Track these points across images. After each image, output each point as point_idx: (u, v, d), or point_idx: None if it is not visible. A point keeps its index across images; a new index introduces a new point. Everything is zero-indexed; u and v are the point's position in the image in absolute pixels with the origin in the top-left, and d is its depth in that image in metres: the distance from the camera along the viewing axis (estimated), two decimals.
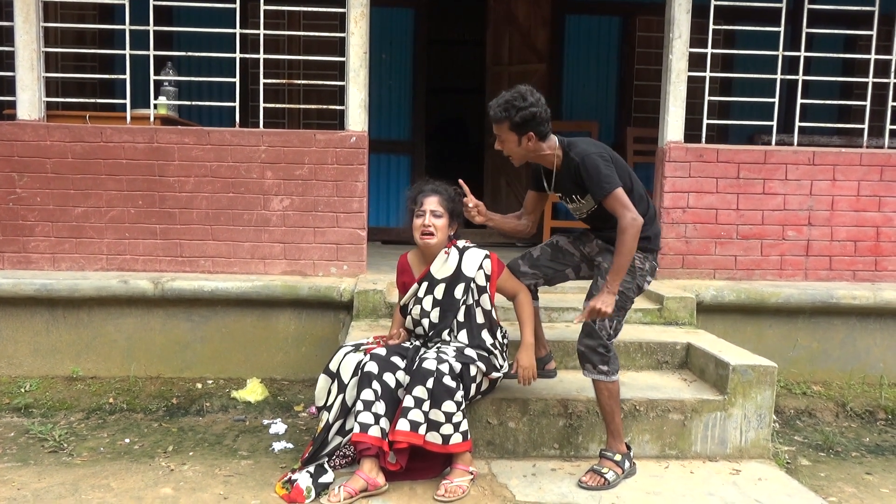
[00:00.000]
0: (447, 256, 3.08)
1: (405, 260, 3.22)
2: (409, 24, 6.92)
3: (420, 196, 3.07)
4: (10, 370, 4.15)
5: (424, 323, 3.10)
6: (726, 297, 4.23)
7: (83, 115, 4.39)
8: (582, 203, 3.00)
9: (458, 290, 3.05)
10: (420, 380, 2.79)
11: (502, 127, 2.87)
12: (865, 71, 4.69)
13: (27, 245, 4.30)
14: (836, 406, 4.07)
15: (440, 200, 3.04)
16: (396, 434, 2.75)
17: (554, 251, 3.24)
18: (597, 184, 2.81)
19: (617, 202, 2.79)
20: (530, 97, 2.82)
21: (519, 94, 2.83)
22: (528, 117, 2.81)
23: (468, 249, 3.11)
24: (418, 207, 3.04)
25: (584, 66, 7.02)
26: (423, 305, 3.08)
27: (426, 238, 3.02)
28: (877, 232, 4.59)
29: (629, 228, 2.75)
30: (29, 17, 4.21)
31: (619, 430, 2.96)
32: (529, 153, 2.94)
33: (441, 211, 3.02)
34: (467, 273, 3.06)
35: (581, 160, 2.84)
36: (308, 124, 6.48)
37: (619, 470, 2.91)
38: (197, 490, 2.90)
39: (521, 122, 2.82)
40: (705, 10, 4.45)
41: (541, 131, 2.87)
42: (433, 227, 3.00)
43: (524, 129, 2.84)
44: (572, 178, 2.92)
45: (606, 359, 2.90)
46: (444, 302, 3.05)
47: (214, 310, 4.17)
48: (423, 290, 3.08)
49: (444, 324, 3.05)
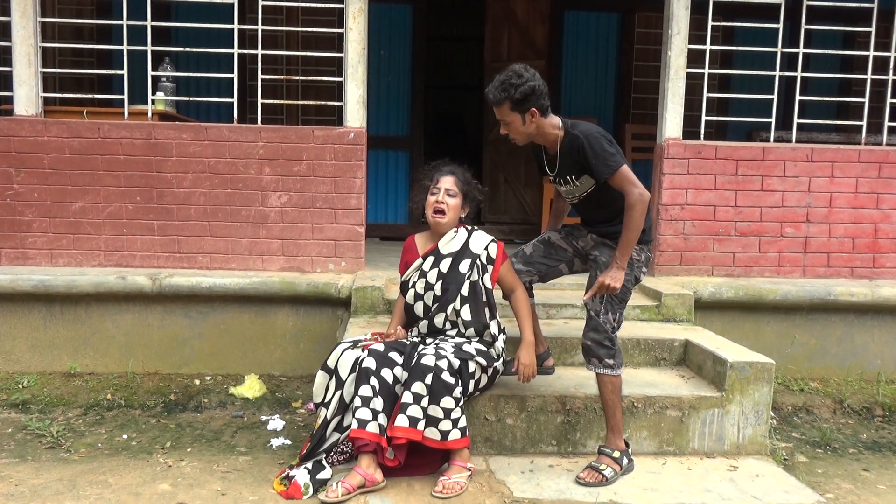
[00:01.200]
0: (455, 234, 3.12)
1: (412, 240, 3.25)
2: (407, 20, 6.91)
3: (437, 174, 3.12)
4: (7, 366, 4.14)
5: (427, 298, 3.08)
6: (724, 293, 4.23)
7: (81, 110, 4.38)
8: (576, 185, 2.97)
9: (463, 265, 3.06)
10: (419, 376, 2.79)
11: (503, 109, 2.85)
12: (864, 67, 4.69)
13: (24, 241, 4.29)
14: (833, 403, 4.07)
15: (455, 181, 3.09)
16: (395, 430, 2.75)
17: (546, 247, 3.24)
18: (602, 161, 2.80)
19: (624, 179, 2.79)
20: (525, 73, 2.82)
21: (513, 72, 2.82)
22: (527, 92, 2.79)
23: (476, 231, 3.15)
24: (433, 185, 3.08)
25: (583, 62, 7.01)
26: (428, 278, 3.08)
27: (438, 216, 3.05)
28: (875, 229, 4.59)
29: (637, 204, 2.76)
30: (26, 12, 4.20)
31: (619, 427, 2.96)
32: (535, 133, 2.91)
33: (455, 191, 3.07)
34: (474, 250, 3.08)
35: (586, 138, 2.83)
36: (306, 120, 6.46)
37: (617, 467, 2.92)
38: (195, 486, 2.90)
39: (521, 99, 2.80)
40: (704, 7, 4.44)
41: (542, 105, 2.85)
42: (446, 206, 3.04)
43: (525, 106, 2.82)
44: (574, 157, 2.89)
45: (612, 352, 2.90)
46: (448, 276, 3.06)
47: (212, 306, 4.17)
48: (429, 264, 3.09)
49: (447, 297, 3.03)
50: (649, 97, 6.42)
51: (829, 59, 5.90)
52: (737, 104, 6.37)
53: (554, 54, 6.88)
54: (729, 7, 4.61)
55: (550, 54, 6.82)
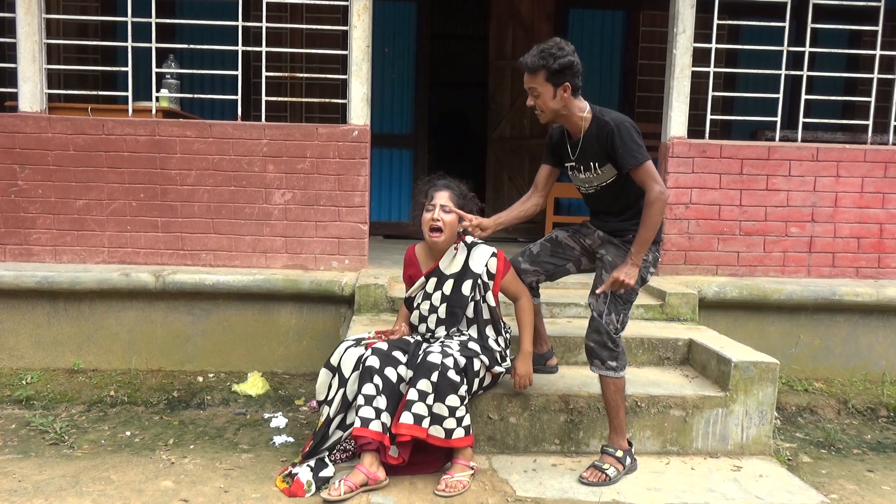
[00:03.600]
0: (456, 252, 3.08)
1: (412, 253, 3.21)
2: (411, 18, 6.91)
3: (431, 190, 3.06)
4: (11, 362, 4.15)
5: (431, 320, 3.09)
6: (729, 293, 4.21)
7: (85, 107, 4.38)
8: (599, 174, 2.94)
9: (465, 287, 3.05)
10: (424, 373, 2.78)
11: (537, 77, 2.81)
12: (870, 67, 4.67)
13: (29, 237, 4.30)
14: (837, 403, 4.06)
15: (451, 195, 3.03)
16: (400, 427, 2.74)
17: (554, 246, 3.22)
18: (630, 152, 2.78)
19: (647, 174, 2.78)
20: (567, 47, 2.80)
21: (555, 43, 2.81)
22: (566, 64, 2.78)
23: (477, 246, 3.10)
24: (428, 201, 3.03)
25: (588, 60, 6.87)
26: (433, 301, 3.07)
27: (434, 235, 3.01)
28: (880, 229, 4.57)
29: (657, 202, 2.75)
30: (31, 9, 4.20)
31: (622, 426, 2.95)
32: (562, 110, 2.88)
33: (450, 206, 2.99)
34: (475, 269, 3.06)
35: (616, 126, 2.80)
36: (310, 118, 6.47)
37: (620, 466, 2.91)
38: (197, 483, 2.90)
39: (558, 70, 2.78)
40: (709, 5, 4.43)
41: (576, 83, 2.84)
42: (442, 223, 2.98)
43: (561, 79, 2.80)
44: (601, 144, 2.86)
45: (615, 354, 2.89)
46: (452, 298, 3.05)
47: (216, 303, 4.17)
48: (433, 286, 3.08)
49: (453, 320, 3.04)
50: (654, 96, 6.39)
51: (835, 58, 5.87)
52: (742, 103, 6.35)
53: None
54: (735, 5, 4.60)
55: None
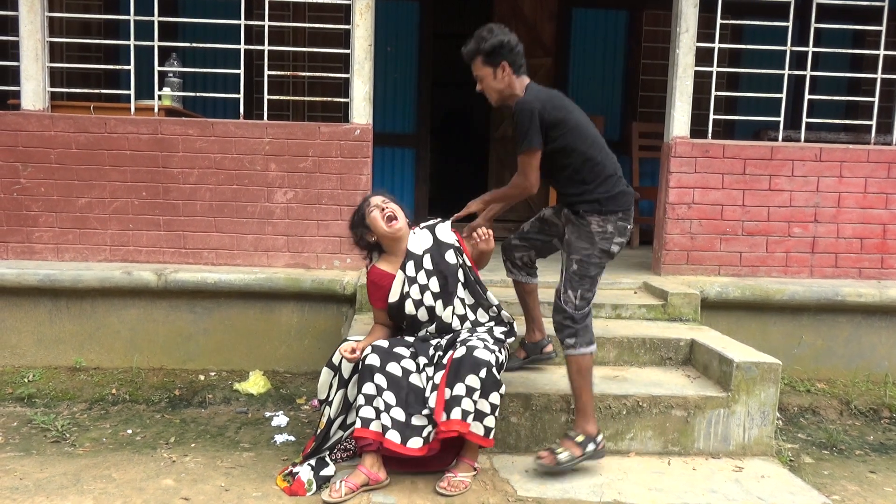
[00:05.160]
0: (415, 234, 3.08)
1: (376, 270, 3.08)
2: (414, 17, 6.90)
3: (363, 203, 3.07)
4: (13, 360, 4.15)
5: (427, 298, 2.98)
6: (731, 293, 4.20)
7: (87, 105, 4.38)
8: None
9: (448, 255, 3.02)
10: (472, 368, 2.71)
11: (476, 63, 2.90)
12: (874, 67, 4.66)
13: (31, 235, 4.30)
14: (840, 404, 4.05)
15: (384, 194, 3.08)
16: (451, 423, 2.67)
17: (541, 223, 3.27)
18: (518, 137, 2.85)
19: (521, 163, 2.89)
20: (497, 29, 2.87)
21: (485, 28, 2.88)
22: (496, 44, 2.83)
23: (433, 223, 3.11)
24: (367, 207, 3.03)
25: (591, 60, 6.99)
26: (419, 280, 2.99)
27: (392, 224, 2.98)
28: (884, 229, 4.56)
29: (515, 188, 2.95)
30: (34, 7, 4.21)
31: (586, 409, 2.88)
32: (505, 90, 2.91)
33: (389, 199, 3.05)
34: (446, 240, 3.05)
35: (515, 110, 2.85)
36: (312, 117, 6.46)
37: (577, 451, 2.84)
38: (198, 481, 2.90)
39: (490, 51, 2.83)
40: (713, 5, 4.42)
41: (514, 61, 2.87)
42: (392, 211, 2.99)
43: (496, 59, 2.85)
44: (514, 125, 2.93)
45: (573, 331, 2.87)
46: (438, 268, 2.99)
47: (217, 302, 4.17)
48: (412, 269, 3.01)
49: (449, 288, 2.97)
50: (657, 95, 6.39)
51: (839, 57, 5.85)
52: (745, 103, 6.34)
53: (561, 52, 6.87)
54: (738, 5, 4.60)
55: (558, 52, 6.81)
